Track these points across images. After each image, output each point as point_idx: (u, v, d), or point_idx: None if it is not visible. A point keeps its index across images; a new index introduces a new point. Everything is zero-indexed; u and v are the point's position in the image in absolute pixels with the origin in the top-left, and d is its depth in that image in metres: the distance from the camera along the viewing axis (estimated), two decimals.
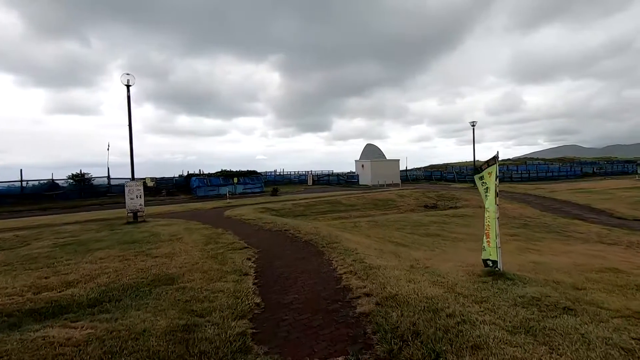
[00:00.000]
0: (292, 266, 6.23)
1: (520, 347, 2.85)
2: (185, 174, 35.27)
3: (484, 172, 5.44)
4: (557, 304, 3.84)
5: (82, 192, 27.14)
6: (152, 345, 3.16)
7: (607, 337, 3.01)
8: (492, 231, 5.27)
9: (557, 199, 21.70)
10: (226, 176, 32.64)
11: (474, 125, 33.14)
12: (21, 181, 25.16)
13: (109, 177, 28.96)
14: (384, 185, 37.70)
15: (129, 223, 12.73)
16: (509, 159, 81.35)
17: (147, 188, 31.02)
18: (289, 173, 48.07)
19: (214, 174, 33.19)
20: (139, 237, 9.51)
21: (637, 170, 55.04)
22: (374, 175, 40.86)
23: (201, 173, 34.60)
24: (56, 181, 26.53)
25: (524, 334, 3.11)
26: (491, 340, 2.95)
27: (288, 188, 37.48)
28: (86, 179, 27.62)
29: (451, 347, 2.90)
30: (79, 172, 27.24)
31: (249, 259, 6.77)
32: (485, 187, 5.56)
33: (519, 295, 4.18)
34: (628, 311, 3.74)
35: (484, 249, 5.54)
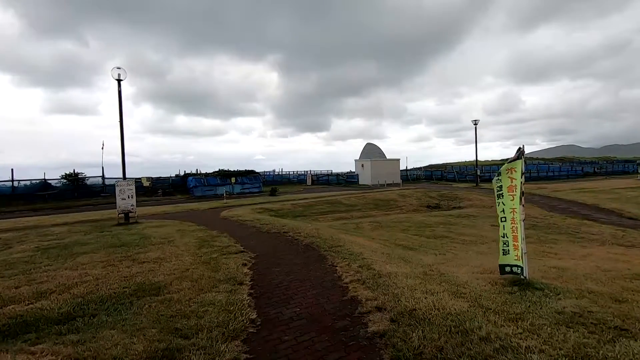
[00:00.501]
0: (292, 273, 5.64)
1: None
2: (183, 173, 34.57)
3: (502, 168, 4.89)
4: (605, 322, 3.27)
5: (76, 192, 26.44)
6: None
7: None
8: (519, 234, 4.70)
9: (562, 199, 21.17)
10: (224, 176, 31.99)
11: (476, 124, 32.60)
12: (12, 181, 24.43)
13: (103, 176, 28.26)
14: (384, 185, 37.14)
15: (119, 224, 12.11)
16: (508, 159, 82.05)
17: (143, 188, 30.34)
18: (287, 173, 47.43)
19: (211, 173, 32.52)
20: (127, 240, 8.90)
21: (637, 170, 54.67)
22: (374, 175, 40.35)
23: (198, 173, 33.91)
24: (49, 181, 25.80)
25: None
26: None
27: (287, 188, 36.87)
28: (80, 178, 26.89)
29: None
30: (72, 171, 26.53)
31: (244, 264, 6.18)
32: (499, 184, 5.00)
33: (557, 310, 3.61)
34: None
35: (504, 253, 4.97)
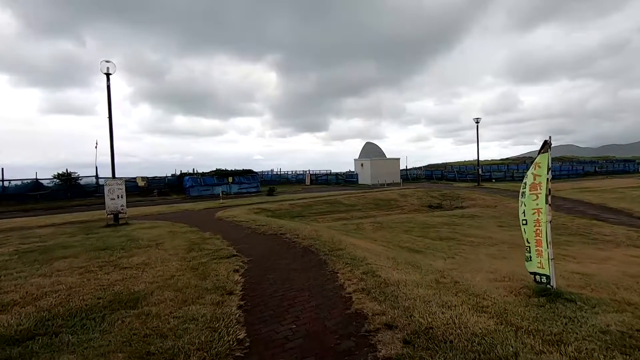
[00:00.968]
0: (288, 281, 5.08)
1: None
2: (179, 173, 33.91)
3: (534, 162, 4.34)
4: None
5: (69, 192, 25.77)
6: None
7: None
8: (544, 238, 4.15)
9: (567, 198, 20.66)
10: (221, 175, 31.37)
11: (478, 122, 32.09)
12: (2, 181, 23.76)
13: (97, 176, 27.60)
14: (384, 184, 36.61)
15: (108, 226, 11.52)
16: (508, 158, 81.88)
17: (138, 188, 29.71)
18: (286, 173, 46.84)
19: (207, 173, 31.89)
20: (113, 243, 8.31)
21: (638, 170, 54.36)
22: (373, 175, 39.82)
23: (195, 172, 33.28)
24: (40, 181, 25.13)
25: None
26: None
27: (285, 188, 36.30)
28: (72, 178, 26.23)
29: None
30: (65, 171, 25.88)
31: (236, 270, 5.61)
32: (524, 181, 4.49)
33: (601, 329, 3.05)
34: None
35: (529, 259, 4.43)
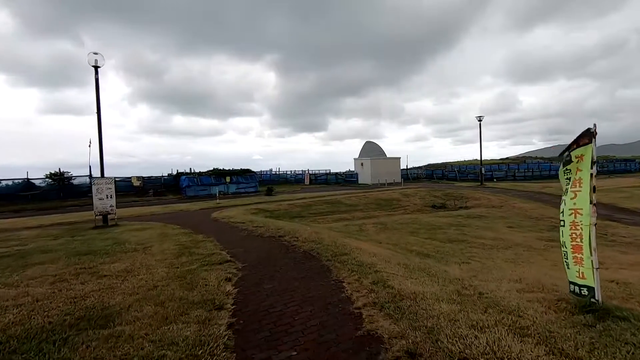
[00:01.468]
0: (287, 292, 4.46)
1: None
2: (176, 173, 33.22)
3: (572, 153, 3.66)
4: None
5: (61, 192, 25.08)
6: None
7: None
8: (586, 244, 3.53)
9: None
10: (218, 175, 30.71)
11: (480, 120, 31.52)
12: None
13: (90, 176, 26.86)
14: (384, 184, 36.02)
15: (96, 227, 10.89)
16: (507, 158, 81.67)
17: (134, 188, 29.06)
18: (285, 172, 46.22)
19: (204, 172, 31.21)
20: (98, 247, 7.68)
21: None
22: (374, 174, 39.27)
23: (192, 172, 32.60)
24: (32, 180, 24.43)
25: None
26: None
27: (284, 187, 35.67)
28: (65, 178, 25.54)
29: None
30: (57, 170, 25.18)
31: (228, 279, 4.98)
32: (568, 176, 3.79)
33: None
34: None
35: (567, 266, 3.82)
